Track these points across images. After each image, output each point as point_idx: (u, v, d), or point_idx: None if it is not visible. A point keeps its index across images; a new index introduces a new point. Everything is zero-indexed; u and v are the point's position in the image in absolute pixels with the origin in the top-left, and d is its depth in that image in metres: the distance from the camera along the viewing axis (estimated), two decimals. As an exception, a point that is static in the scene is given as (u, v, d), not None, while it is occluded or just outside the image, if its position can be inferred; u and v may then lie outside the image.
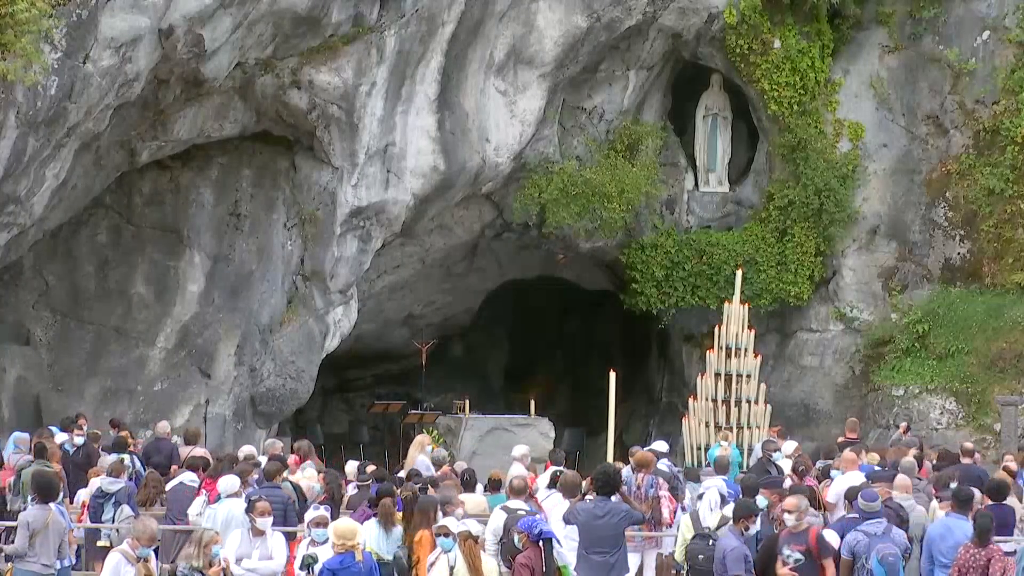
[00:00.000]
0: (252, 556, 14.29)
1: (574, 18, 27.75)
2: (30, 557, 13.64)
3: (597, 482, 14.54)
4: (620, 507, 14.46)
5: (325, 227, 26.52)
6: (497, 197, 29.51)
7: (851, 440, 22.25)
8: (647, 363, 34.07)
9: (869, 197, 30.45)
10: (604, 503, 14.33)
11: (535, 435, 28.64)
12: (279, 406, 26.78)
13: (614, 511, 14.25)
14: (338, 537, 12.92)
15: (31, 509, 13.98)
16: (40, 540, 13.65)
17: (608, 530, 14.11)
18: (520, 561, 13.54)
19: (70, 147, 21.86)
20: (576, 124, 30.12)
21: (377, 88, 25.79)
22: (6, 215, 21.57)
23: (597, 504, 14.34)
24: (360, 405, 34.86)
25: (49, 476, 14.67)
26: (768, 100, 29.97)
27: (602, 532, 14.11)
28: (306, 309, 26.94)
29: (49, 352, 25.46)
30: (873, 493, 13.96)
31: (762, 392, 27.42)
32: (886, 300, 30.36)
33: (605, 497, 14.41)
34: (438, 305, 33.42)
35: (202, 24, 22.32)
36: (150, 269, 25.89)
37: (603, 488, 14.46)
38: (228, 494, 15.88)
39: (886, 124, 30.54)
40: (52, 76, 20.14)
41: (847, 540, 13.58)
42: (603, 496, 14.42)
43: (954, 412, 28.32)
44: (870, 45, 30.74)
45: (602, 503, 14.33)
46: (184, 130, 24.49)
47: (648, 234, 30.75)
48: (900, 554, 13.39)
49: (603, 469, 15.09)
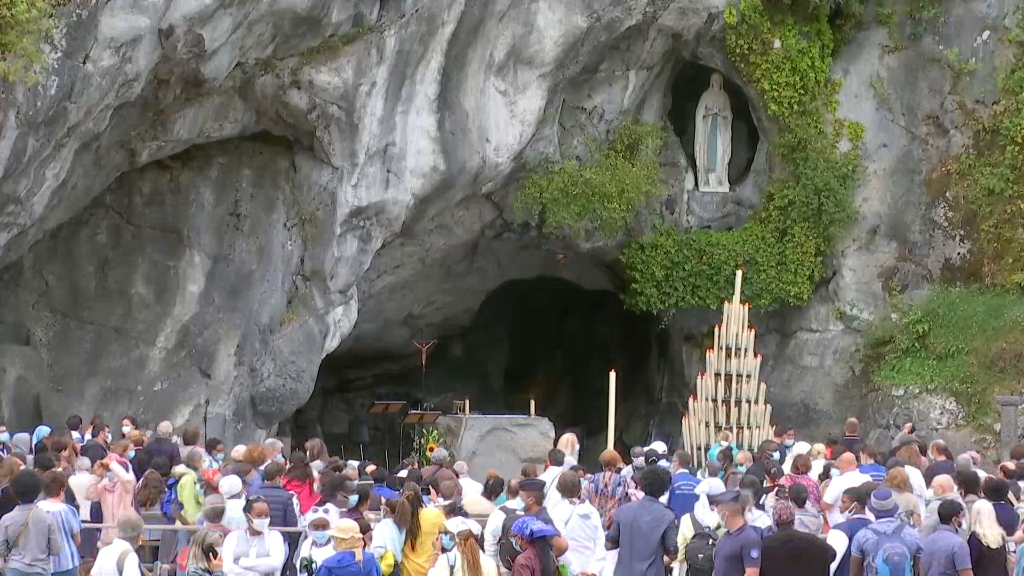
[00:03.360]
0: (250, 555, 14.31)
1: (574, 18, 27.76)
2: (14, 556, 13.70)
3: (645, 482, 14.57)
4: (667, 515, 14.51)
5: (325, 227, 26.53)
6: (497, 197, 29.52)
7: (851, 439, 22.30)
8: (647, 363, 34.07)
9: (869, 197, 30.46)
10: (651, 504, 14.36)
11: (535, 435, 28.68)
12: (279, 406, 26.79)
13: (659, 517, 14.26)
14: (340, 534, 12.93)
15: (13, 511, 14.00)
16: (23, 539, 13.68)
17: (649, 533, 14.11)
18: (520, 562, 13.56)
19: (70, 147, 21.87)
20: (576, 124, 30.12)
21: (377, 88, 25.80)
22: (6, 215, 21.58)
23: (643, 505, 14.38)
24: (360, 405, 34.85)
25: (31, 476, 14.65)
26: (768, 100, 29.97)
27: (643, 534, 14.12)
28: (306, 309, 26.94)
29: (49, 352, 25.46)
30: (886, 492, 14.00)
31: (762, 392, 27.43)
32: (886, 300, 30.37)
33: (653, 498, 14.44)
34: (438, 305, 33.42)
35: (202, 24, 22.33)
36: (150, 269, 25.89)
37: (651, 488, 14.48)
38: (230, 495, 15.89)
39: (886, 124, 30.54)
40: (52, 76, 20.14)
41: (856, 537, 13.60)
42: (650, 496, 14.44)
43: (954, 412, 28.32)
44: (870, 45, 30.74)
45: (648, 504, 14.36)
46: (184, 130, 24.49)
47: (648, 234, 30.76)
48: (908, 554, 13.37)
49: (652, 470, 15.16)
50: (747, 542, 13.34)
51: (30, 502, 13.98)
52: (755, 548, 13.28)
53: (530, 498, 14.65)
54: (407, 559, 14.56)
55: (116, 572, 12.48)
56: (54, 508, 14.10)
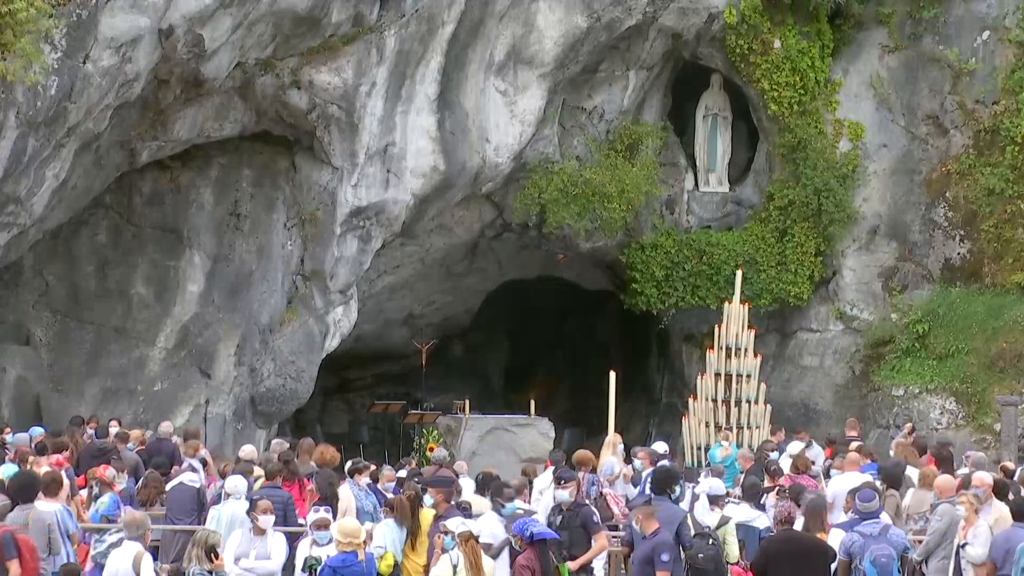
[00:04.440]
0: (250, 555, 14.30)
1: (574, 18, 27.75)
2: None
3: (655, 481, 14.54)
4: (680, 511, 14.51)
5: (325, 227, 26.53)
6: (497, 197, 29.52)
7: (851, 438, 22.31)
8: (647, 363, 34.07)
9: (869, 197, 30.46)
10: (662, 502, 14.35)
11: (535, 435, 28.67)
12: (279, 406, 26.79)
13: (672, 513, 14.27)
14: (343, 536, 12.93)
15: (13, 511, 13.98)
16: None
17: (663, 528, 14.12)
18: (520, 562, 13.57)
19: (70, 147, 21.86)
20: (576, 124, 30.12)
21: (377, 88, 25.80)
22: (6, 215, 21.58)
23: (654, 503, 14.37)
24: (360, 405, 34.84)
25: (30, 476, 14.64)
26: (768, 100, 29.97)
27: None
28: (306, 309, 26.94)
29: (49, 352, 25.45)
30: (870, 493, 13.91)
31: (762, 392, 27.44)
32: (886, 300, 30.36)
33: (663, 496, 14.44)
34: (438, 305, 33.42)
35: (202, 24, 22.32)
36: (150, 269, 25.89)
37: (660, 487, 14.50)
38: (235, 495, 15.88)
39: (886, 124, 30.54)
40: (52, 76, 20.13)
41: (843, 540, 13.53)
42: (660, 496, 14.45)
43: (954, 412, 28.32)
44: (870, 45, 30.74)
45: (659, 502, 14.35)
46: (184, 130, 24.49)
47: (648, 234, 30.75)
48: (895, 555, 13.34)
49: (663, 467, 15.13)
50: (658, 545, 13.37)
51: (29, 502, 13.97)
52: (666, 551, 13.33)
53: (439, 496, 14.63)
54: (407, 559, 14.56)
55: (132, 573, 12.47)
56: (51, 508, 14.09)
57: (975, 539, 13.84)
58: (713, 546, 14.60)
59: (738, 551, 15.91)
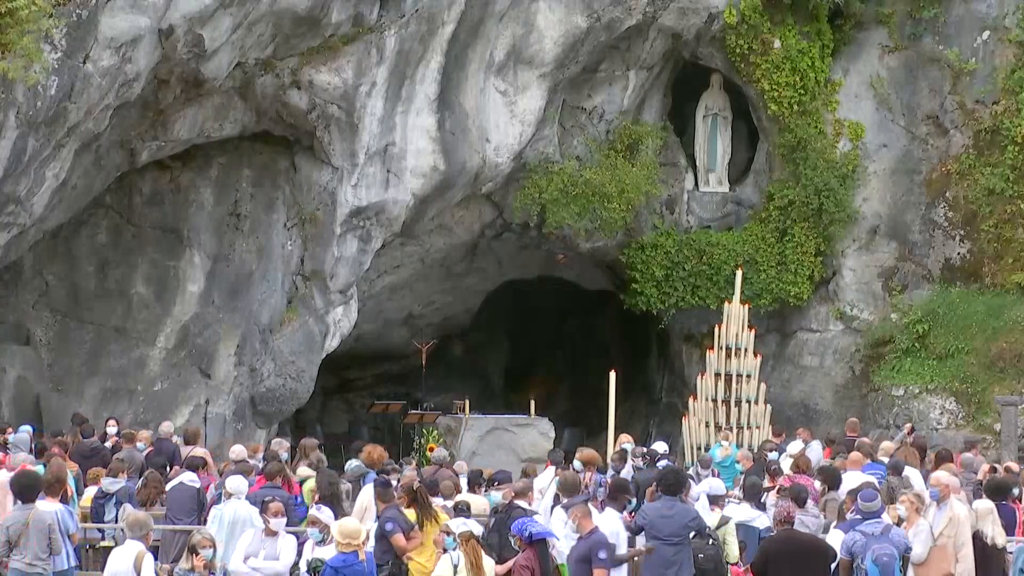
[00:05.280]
0: (258, 555, 14.30)
1: (574, 18, 27.75)
2: (15, 556, 13.70)
3: (664, 482, 14.62)
4: (690, 510, 14.60)
5: (325, 227, 26.52)
6: (497, 197, 29.52)
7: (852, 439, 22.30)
8: (647, 363, 34.07)
9: (869, 197, 30.47)
10: (671, 503, 14.40)
11: (535, 435, 28.68)
12: (279, 406, 26.79)
13: (682, 511, 14.34)
14: (343, 536, 12.92)
15: (13, 511, 13.98)
16: (24, 539, 13.69)
17: (674, 528, 14.16)
18: (520, 563, 13.59)
19: (70, 147, 21.86)
20: (576, 124, 30.12)
21: (377, 88, 25.80)
22: (6, 215, 21.57)
23: (665, 503, 14.41)
24: (360, 405, 34.84)
25: (31, 476, 14.64)
26: (768, 100, 29.98)
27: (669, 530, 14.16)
28: (306, 309, 26.94)
29: (49, 352, 25.46)
30: (872, 493, 13.93)
31: (762, 392, 27.45)
32: (886, 300, 30.37)
33: (672, 497, 14.47)
34: (438, 305, 33.42)
35: (202, 24, 22.32)
36: (150, 269, 25.89)
37: (669, 488, 14.53)
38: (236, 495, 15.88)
39: (886, 124, 30.55)
40: (52, 76, 20.12)
41: (845, 540, 13.56)
42: (669, 496, 14.48)
43: (954, 412, 28.33)
44: (870, 45, 30.75)
45: (669, 502, 14.40)
46: (184, 130, 24.49)
47: (648, 234, 30.76)
48: (897, 554, 13.35)
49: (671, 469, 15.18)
50: (595, 544, 13.42)
51: (30, 502, 13.98)
52: (603, 550, 13.40)
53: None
54: (408, 559, 14.56)
55: (134, 573, 12.46)
56: (52, 508, 14.09)
57: (915, 538, 13.85)
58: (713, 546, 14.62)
59: (738, 551, 15.93)
